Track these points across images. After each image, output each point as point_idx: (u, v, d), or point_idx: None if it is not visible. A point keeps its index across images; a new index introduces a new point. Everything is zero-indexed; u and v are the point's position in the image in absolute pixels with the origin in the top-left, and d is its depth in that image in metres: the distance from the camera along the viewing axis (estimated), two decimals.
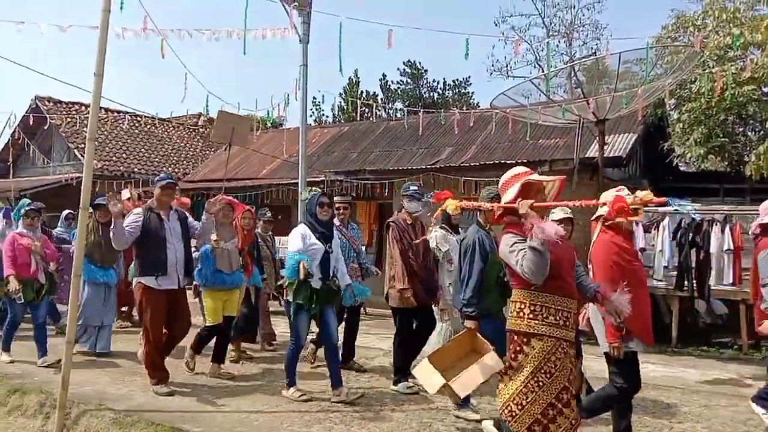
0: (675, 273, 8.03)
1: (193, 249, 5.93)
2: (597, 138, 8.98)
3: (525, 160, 9.91)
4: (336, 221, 6.22)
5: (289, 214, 12.41)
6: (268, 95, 45.01)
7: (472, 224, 4.73)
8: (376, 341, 8.20)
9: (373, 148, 13.77)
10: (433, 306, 5.68)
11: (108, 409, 4.92)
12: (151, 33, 7.68)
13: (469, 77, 30.78)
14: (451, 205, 3.77)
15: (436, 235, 5.60)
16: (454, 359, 4.15)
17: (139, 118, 17.56)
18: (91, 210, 6.87)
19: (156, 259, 5.34)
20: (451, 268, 5.61)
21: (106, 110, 17.58)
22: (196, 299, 6.74)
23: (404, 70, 31.04)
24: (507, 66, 24.40)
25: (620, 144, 10.30)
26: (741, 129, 11.67)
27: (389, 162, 12.53)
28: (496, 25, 24.70)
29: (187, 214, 5.88)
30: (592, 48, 22.41)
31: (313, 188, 5.55)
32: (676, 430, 4.70)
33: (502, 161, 10.21)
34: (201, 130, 21.28)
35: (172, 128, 20.58)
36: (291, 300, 5.11)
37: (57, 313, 8.17)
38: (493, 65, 30.63)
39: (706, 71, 9.49)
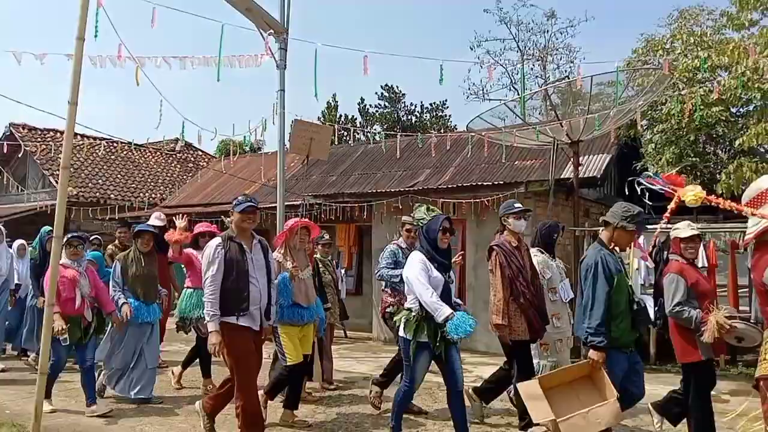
0: (651, 291, 8.11)
1: None
2: (572, 159, 9.12)
3: (502, 182, 10.02)
4: (402, 243, 6.05)
5: (268, 238, 12.32)
6: (245, 120, 44.95)
7: (594, 243, 4.38)
8: (355, 364, 8.15)
9: (351, 171, 13.81)
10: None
11: None
12: (127, 60, 7.65)
13: (446, 101, 31.20)
14: (689, 195, 3.05)
15: (537, 261, 5.20)
16: (565, 383, 3.88)
17: (115, 144, 17.47)
18: (118, 229, 6.49)
19: (237, 296, 4.50)
20: (554, 298, 5.29)
21: (83, 136, 17.46)
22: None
23: (382, 93, 31.34)
24: (483, 89, 24.75)
25: (595, 164, 10.47)
26: (711, 149, 11.90)
27: (368, 185, 12.57)
28: (471, 49, 25.11)
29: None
30: (565, 71, 22.82)
31: (430, 206, 4.69)
32: None
33: (480, 183, 10.31)
34: (178, 155, 21.20)
35: (148, 153, 20.48)
36: (410, 338, 4.33)
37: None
38: (469, 89, 30.96)
39: (676, 93, 9.71)
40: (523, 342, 4.90)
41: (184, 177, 20.13)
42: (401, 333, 4.39)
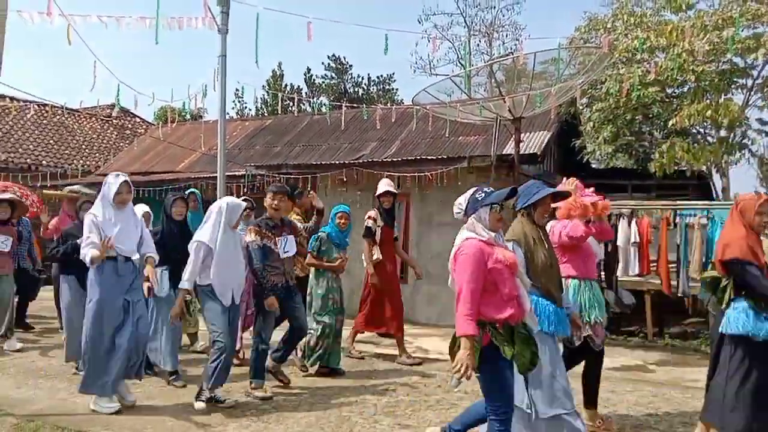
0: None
1: None
2: (513, 135, 9.23)
3: (445, 156, 10.08)
4: None
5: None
6: (185, 86, 43.44)
7: None
8: None
9: (296, 142, 13.62)
10: None
11: (8, 415, 4.65)
12: (58, 17, 7.23)
13: (394, 74, 31.11)
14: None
15: None
16: None
17: (46, 108, 16.64)
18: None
19: None
20: None
21: (11, 99, 16.56)
22: None
23: (329, 64, 30.93)
24: (430, 63, 24.76)
25: (535, 141, 10.64)
26: (647, 128, 12.30)
27: (313, 156, 12.42)
28: (419, 22, 25.02)
29: None
30: (510, 48, 23.05)
31: None
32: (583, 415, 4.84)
33: (424, 157, 10.34)
34: (115, 121, 20.42)
35: (83, 119, 19.63)
36: None
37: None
38: (416, 62, 31.10)
39: (615, 72, 9.93)
40: None
41: (121, 144, 19.42)
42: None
